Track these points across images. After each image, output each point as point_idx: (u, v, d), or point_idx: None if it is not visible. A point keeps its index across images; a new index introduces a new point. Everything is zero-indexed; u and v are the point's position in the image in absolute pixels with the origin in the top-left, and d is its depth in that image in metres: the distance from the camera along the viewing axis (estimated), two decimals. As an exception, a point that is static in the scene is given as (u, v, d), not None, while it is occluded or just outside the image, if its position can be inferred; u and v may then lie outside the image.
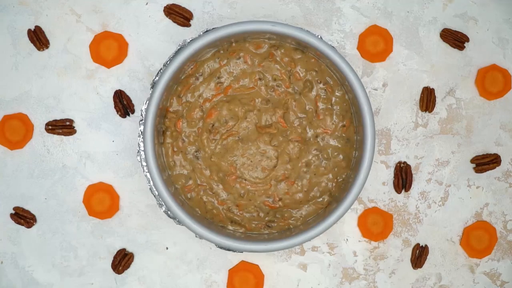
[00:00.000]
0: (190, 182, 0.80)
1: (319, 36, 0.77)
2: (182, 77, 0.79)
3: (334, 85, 0.80)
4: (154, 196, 0.78)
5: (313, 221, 0.78)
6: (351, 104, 0.79)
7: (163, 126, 0.80)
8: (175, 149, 0.80)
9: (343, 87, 0.79)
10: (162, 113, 0.79)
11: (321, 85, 0.80)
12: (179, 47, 0.78)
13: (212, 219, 0.80)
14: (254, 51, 0.80)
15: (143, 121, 0.77)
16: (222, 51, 0.80)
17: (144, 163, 0.77)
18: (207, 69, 0.80)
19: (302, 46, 0.79)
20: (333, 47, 0.78)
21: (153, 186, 0.78)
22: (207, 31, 0.78)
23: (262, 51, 0.80)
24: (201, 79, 0.80)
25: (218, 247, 0.77)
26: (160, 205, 0.78)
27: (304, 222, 0.80)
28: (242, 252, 0.78)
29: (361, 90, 0.76)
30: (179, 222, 0.77)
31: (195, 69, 0.80)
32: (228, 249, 0.77)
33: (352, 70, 0.76)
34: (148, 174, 0.78)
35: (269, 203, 0.81)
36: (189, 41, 0.78)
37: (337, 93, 0.80)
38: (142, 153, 0.78)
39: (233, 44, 0.79)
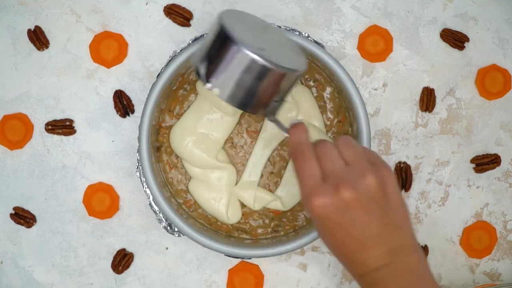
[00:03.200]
0: (190, 196, 0.80)
1: (306, 34, 0.77)
2: (171, 92, 0.79)
3: (324, 82, 0.79)
4: (154, 212, 0.78)
5: None
6: (343, 99, 0.79)
7: (157, 143, 0.80)
8: (171, 165, 0.80)
9: (333, 83, 0.79)
10: (156, 129, 0.79)
11: (311, 83, 0.80)
12: (167, 61, 0.77)
13: (218, 231, 0.80)
14: None
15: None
16: None
17: (143, 178, 0.77)
18: (194, 78, 0.80)
19: None
20: (318, 44, 0.77)
21: (152, 202, 0.77)
22: (195, 39, 0.77)
23: None
24: (188, 88, 0.80)
25: (227, 255, 0.77)
26: (160, 221, 0.78)
27: (309, 222, 0.80)
28: (250, 258, 0.78)
29: (351, 85, 0.76)
30: (180, 236, 0.77)
31: (183, 82, 0.79)
32: (236, 257, 0.77)
33: (340, 65, 0.76)
34: (148, 190, 0.77)
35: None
36: (174, 55, 0.77)
37: (328, 90, 0.80)
38: (141, 168, 0.77)
39: None
